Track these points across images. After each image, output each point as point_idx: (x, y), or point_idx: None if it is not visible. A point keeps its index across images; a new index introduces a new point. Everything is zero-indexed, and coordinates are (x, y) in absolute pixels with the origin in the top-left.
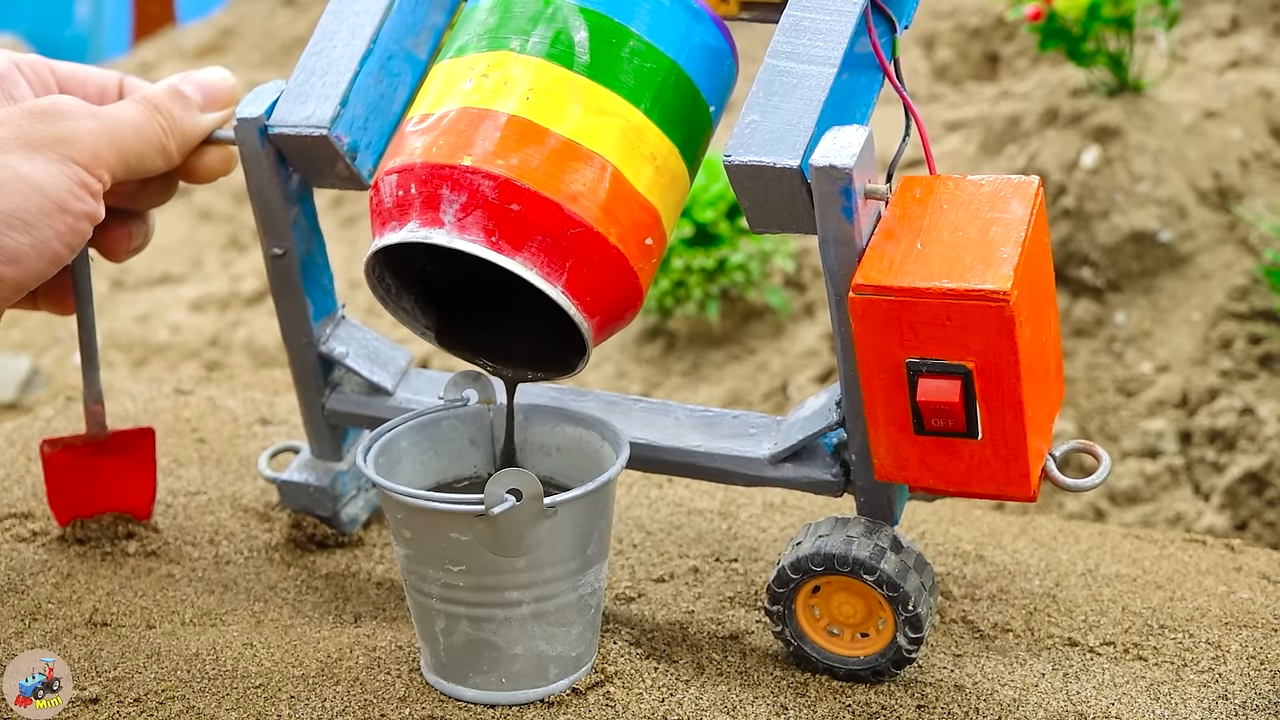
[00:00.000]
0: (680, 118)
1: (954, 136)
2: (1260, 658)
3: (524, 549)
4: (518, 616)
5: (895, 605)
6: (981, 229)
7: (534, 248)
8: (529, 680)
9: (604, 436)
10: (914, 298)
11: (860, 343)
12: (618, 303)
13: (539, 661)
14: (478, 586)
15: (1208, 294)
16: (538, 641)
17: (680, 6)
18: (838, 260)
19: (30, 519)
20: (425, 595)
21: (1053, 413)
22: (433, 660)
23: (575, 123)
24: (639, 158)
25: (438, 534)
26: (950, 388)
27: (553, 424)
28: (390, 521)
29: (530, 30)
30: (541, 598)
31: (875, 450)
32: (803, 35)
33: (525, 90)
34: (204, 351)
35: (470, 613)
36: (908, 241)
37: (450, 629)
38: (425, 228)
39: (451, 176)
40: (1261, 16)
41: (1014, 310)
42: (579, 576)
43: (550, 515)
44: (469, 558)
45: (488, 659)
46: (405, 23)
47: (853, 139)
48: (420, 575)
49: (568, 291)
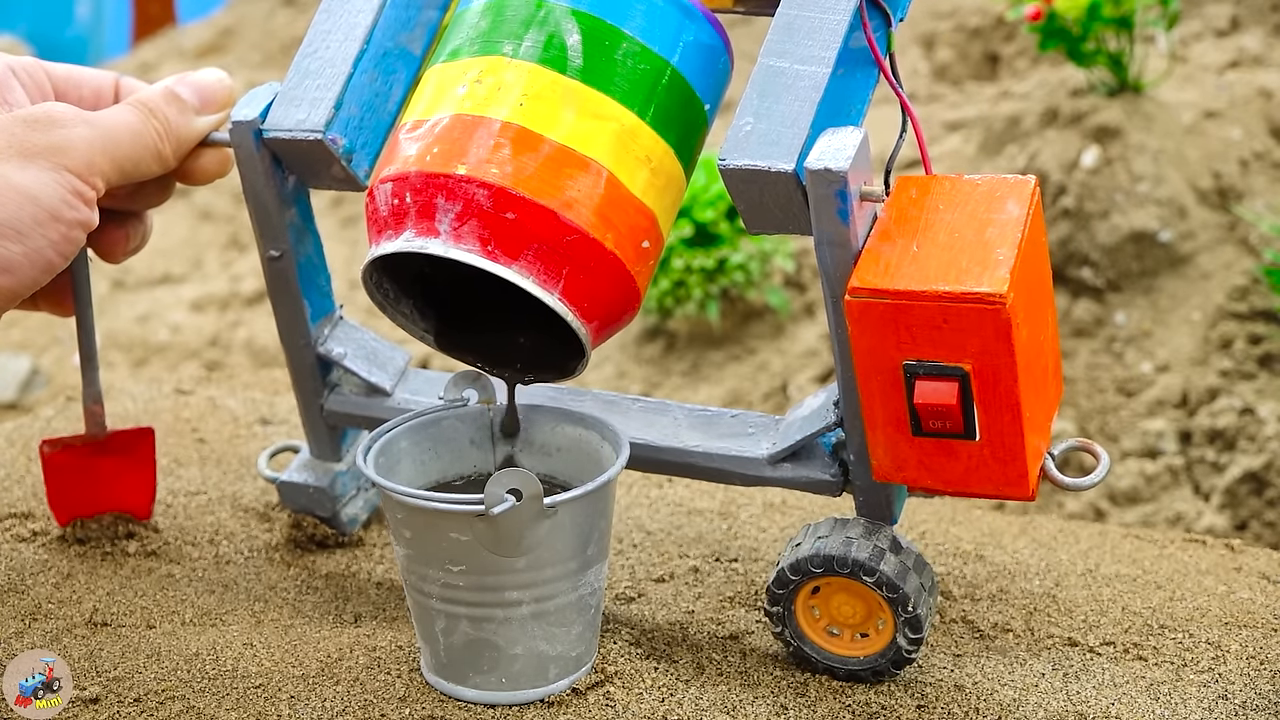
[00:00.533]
0: (675, 118)
1: (954, 137)
2: (1260, 658)
3: (524, 549)
4: (518, 616)
5: (895, 606)
6: (978, 230)
7: (530, 255)
8: (529, 680)
9: (604, 436)
10: (910, 300)
11: (857, 345)
12: (615, 306)
13: (539, 661)
14: (478, 586)
15: (1208, 294)
16: (538, 641)
17: (673, 5)
18: (833, 262)
19: (30, 519)
20: (425, 595)
21: (1051, 412)
22: (433, 660)
23: (569, 128)
24: (634, 161)
25: (438, 534)
26: (947, 390)
27: (553, 424)
28: (390, 521)
29: (523, 34)
30: (542, 598)
31: (873, 451)
32: (796, 34)
33: (519, 96)
34: (204, 351)
35: (470, 612)
36: (904, 243)
37: (450, 629)
38: (421, 237)
39: (446, 185)
40: (1261, 16)
41: (1010, 313)
42: (579, 576)
43: (550, 515)
44: (469, 558)
45: (488, 659)
46: (399, 18)
47: (848, 141)
48: (420, 575)
49: (565, 298)
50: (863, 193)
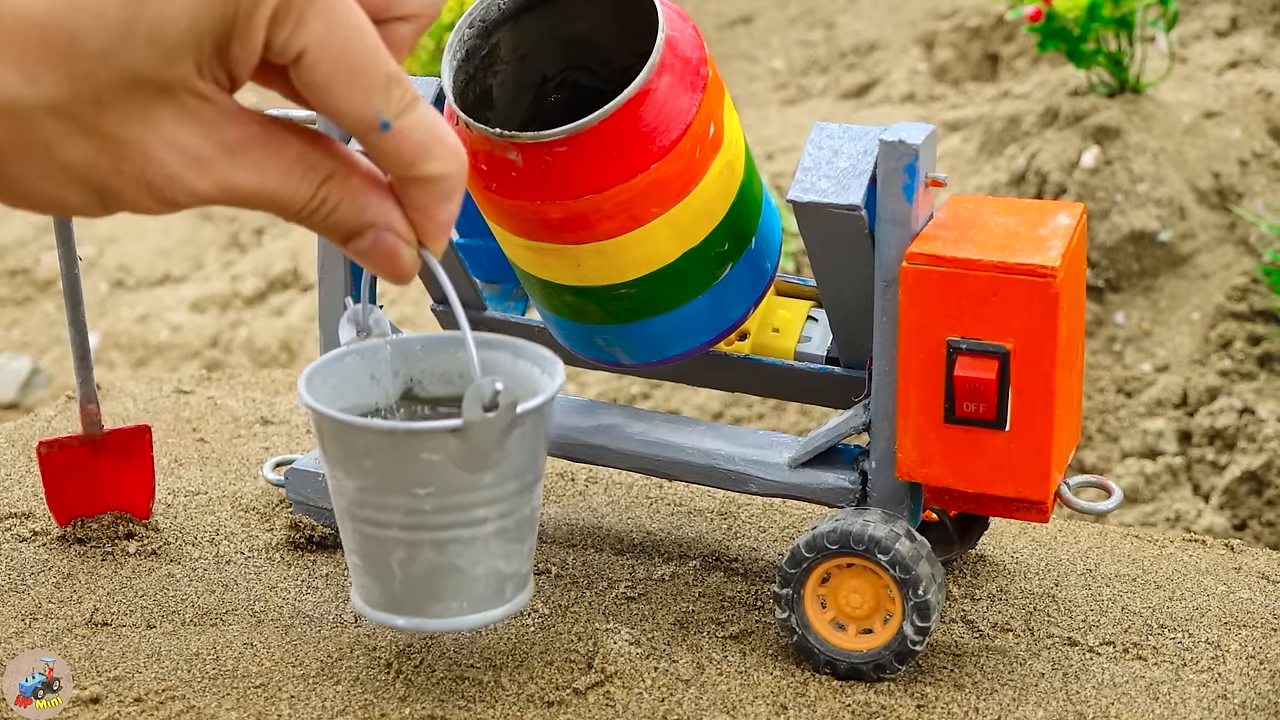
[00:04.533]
0: None
1: (954, 137)
2: (1260, 657)
3: (493, 463)
4: (482, 535)
5: (906, 589)
6: (1030, 228)
7: None
8: (489, 602)
9: (518, 355)
10: (964, 269)
11: (905, 318)
12: None
13: (499, 581)
14: (445, 508)
15: (1207, 294)
16: (498, 560)
17: None
18: (891, 242)
19: (30, 519)
20: (382, 526)
21: (1069, 448)
22: (383, 596)
23: None
24: None
25: (408, 457)
26: (988, 366)
27: (452, 351)
28: (338, 455)
29: None
30: (505, 513)
31: (901, 443)
32: None
33: None
34: (204, 351)
35: (435, 536)
36: (960, 230)
37: (411, 558)
38: None
39: None
40: (1261, 17)
41: (1059, 288)
42: (534, 489)
43: (520, 425)
44: (439, 479)
45: (451, 584)
46: None
47: (922, 127)
48: (379, 505)
49: None
50: (930, 177)
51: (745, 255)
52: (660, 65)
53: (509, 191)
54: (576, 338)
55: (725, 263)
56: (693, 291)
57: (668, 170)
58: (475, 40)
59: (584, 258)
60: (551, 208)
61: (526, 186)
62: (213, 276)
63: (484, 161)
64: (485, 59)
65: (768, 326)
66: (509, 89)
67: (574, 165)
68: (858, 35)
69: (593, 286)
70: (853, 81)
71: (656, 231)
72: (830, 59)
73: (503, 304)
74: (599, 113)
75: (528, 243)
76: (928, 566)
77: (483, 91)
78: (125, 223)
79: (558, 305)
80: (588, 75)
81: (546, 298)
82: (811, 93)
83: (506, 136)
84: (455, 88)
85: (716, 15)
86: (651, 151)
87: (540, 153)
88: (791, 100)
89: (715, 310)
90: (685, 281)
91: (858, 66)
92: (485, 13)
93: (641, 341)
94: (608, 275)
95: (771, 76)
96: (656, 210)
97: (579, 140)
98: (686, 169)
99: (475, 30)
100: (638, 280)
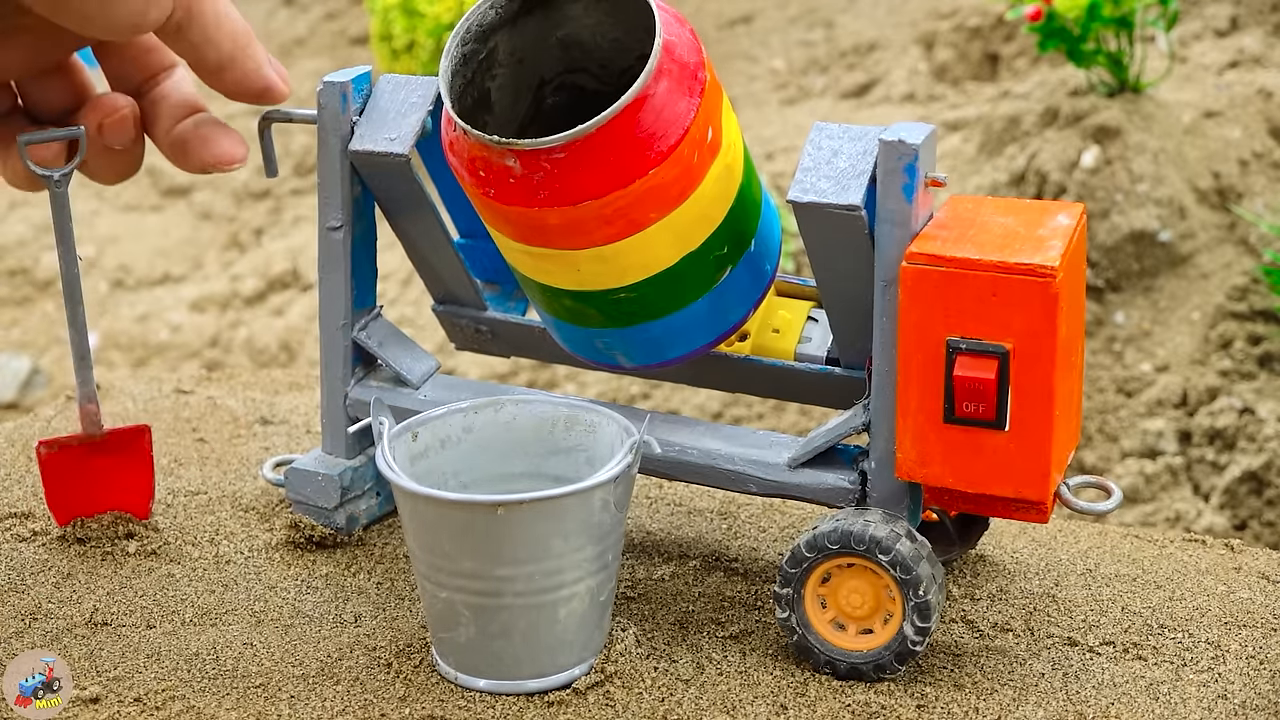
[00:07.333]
0: None
1: (954, 136)
2: (1260, 657)
3: None
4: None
5: (906, 589)
6: (1030, 228)
7: None
8: None
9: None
10: (964, 269)
11: (905, 318)
12: None
13: None
14: (600, 561)
15: (1207, 294)
16: None
17: None
18: (891, 242)
19: (30, 519)
20: (549, 590)
21: (1068, 450)
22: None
23: None
24: None
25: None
26: (987, 366)
27: None
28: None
29: None
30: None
31: (900, 443)
32: None
33: None
34: (204, 351)
35: (594, 585)
36: (960, 231)
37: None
38: None
39: None
40: (1261, 16)
41: (1058, 288)
42: None
43: None
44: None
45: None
46: None
47: (921, 127)
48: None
49: None
50: (930, 176)
51: (745, 258)
52: (658, 70)
53: (507, 198)
54: (576, 341)
55: (725, 265)
56: (692, 295)
57: (666, 175)
58: (473, 44)
59: (583, 263)
60: (550, 214)
61: (525, 193)
62: (212, 276)
63: (482, 168)
64: (483, 62)
65: (768, 327)
66: (507, 92)
67: (572, 172)
68: (858, 35)
69: (592, 291)
70: (853, 81)
71: (655, 236)
72: (830, 59)
73: (503, 304)
74: (596, 119)
75: (526, 248)
76: (928, 567)
77: (481, 95)
78: (125, 223)
79: (557, 309)
80: (587, 78)
81: (546, 302)
82: (811, 93)
83: (504, 144)
84: (453, 92)
85: (716, 15)
86: (650, 157)
87: (538, 159)
88: (791, 100)
89: (715, 313)
90: (685, 285)
91: (858, 66)
92: (483, 17)
93: (641, 344)
94: (607, 280)
95: (771, 76)
96: (655, 215)
97: (577, 147)
98: (685, 174)
99: (473, 34)
100: (637, 284)
